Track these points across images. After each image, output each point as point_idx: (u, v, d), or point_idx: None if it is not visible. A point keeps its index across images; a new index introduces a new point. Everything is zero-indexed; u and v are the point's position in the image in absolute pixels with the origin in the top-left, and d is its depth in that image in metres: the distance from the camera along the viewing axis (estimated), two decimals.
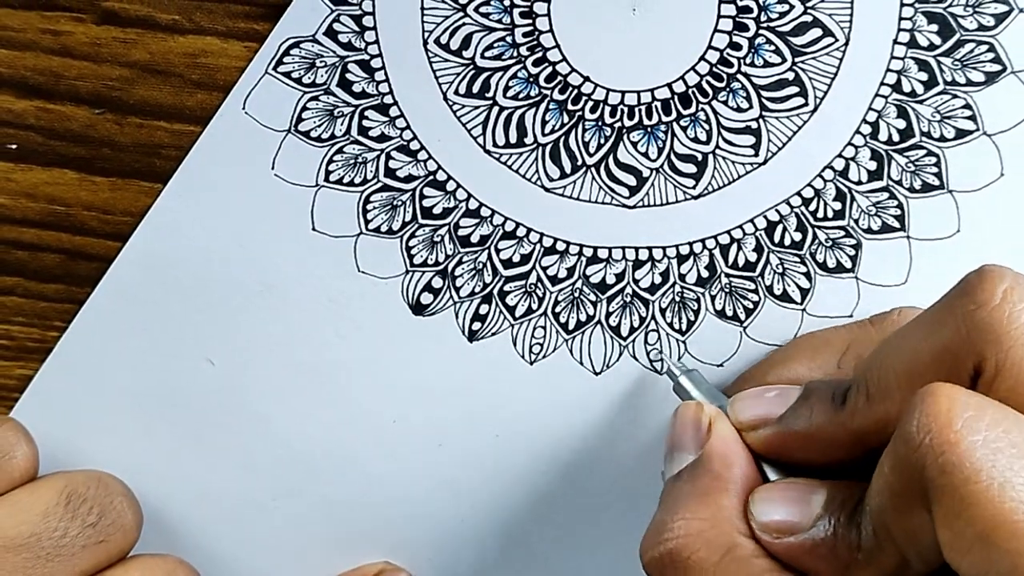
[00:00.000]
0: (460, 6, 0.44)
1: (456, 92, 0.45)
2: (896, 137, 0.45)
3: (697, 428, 0.41)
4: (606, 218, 0.46)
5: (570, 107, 0.45)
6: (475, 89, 0.45)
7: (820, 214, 0.45)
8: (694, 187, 0.46)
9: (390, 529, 0.49)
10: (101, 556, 0.45)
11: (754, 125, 0.45)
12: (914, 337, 0.36)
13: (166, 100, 0.46)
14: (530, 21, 0.44)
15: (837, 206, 0.45)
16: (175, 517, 0.49)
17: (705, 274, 0.46)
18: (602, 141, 0.45)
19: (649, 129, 0.45)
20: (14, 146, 0.46)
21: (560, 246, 0.46)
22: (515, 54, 0.45)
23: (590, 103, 0.45)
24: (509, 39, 0.45)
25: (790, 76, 0.44)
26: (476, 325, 0.47)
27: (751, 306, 0.46)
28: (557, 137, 0.45)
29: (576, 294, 0.47)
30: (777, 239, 0.46)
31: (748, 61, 0.44)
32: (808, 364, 0.44)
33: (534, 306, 0.47)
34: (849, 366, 0.43)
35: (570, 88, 0.45)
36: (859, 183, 0.45)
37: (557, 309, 0.47)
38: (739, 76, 0.45)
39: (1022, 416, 0.32)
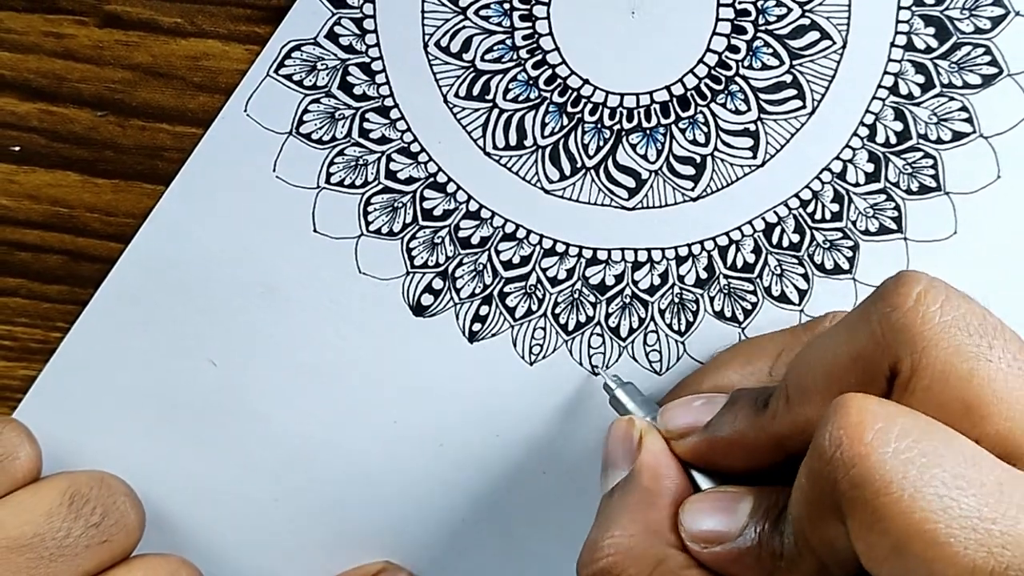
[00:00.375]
0: (460, 9, 0.44)
1: (456, 95, 0.45)
2: (893, 139, 0.45)
3: (628, 442, 0.42)
4: (605, 220, 0.46)
5: (569, 109, 0.45)
6: (475, 92, 0.45)
7: (818, 216, 0.46)
8: (693, 189, 0.46)
9: (391, 528, 0.49)
10: (104, 556, 0.45)
11: (752, 127, 0.45)
12: (832, 341, 0.36)
13: (168, 103, 0.46)
14: (530, 24, 0.45)
15: (835, 208, 0.46)
16: (177, 517, 0.49)
17: (704, 275, 0.46)
18: (601, 143, 0.45)
19: (648, 131, 0.45)
20: (17, 148, 0.46)
21: (560, 248, 0.46)
22: (515, 57, 0.45)
23: (589, 105, 0.45)
24: (509, 42, 0.45)
25: (788, 79, 0.45)
26: (476, 326, 0.47)
27: (749, 307, 0.46)
28: (557, 139, 0.46)
29: (576, 295, 0.47)
30: (775, 241, 0.46)
31: (746, 64, 0.45)
32: (741, 371, 0.44)
33: (534, 307, 0.47)
34: (780, 372, 0.43)
35: (569, 91, 0.45)
36: (857, 185, 0.45)
37: (557, 310, 0.47)
38: (737, 79, 0.45)
39: (934, 422, 0.33)
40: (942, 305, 0.34)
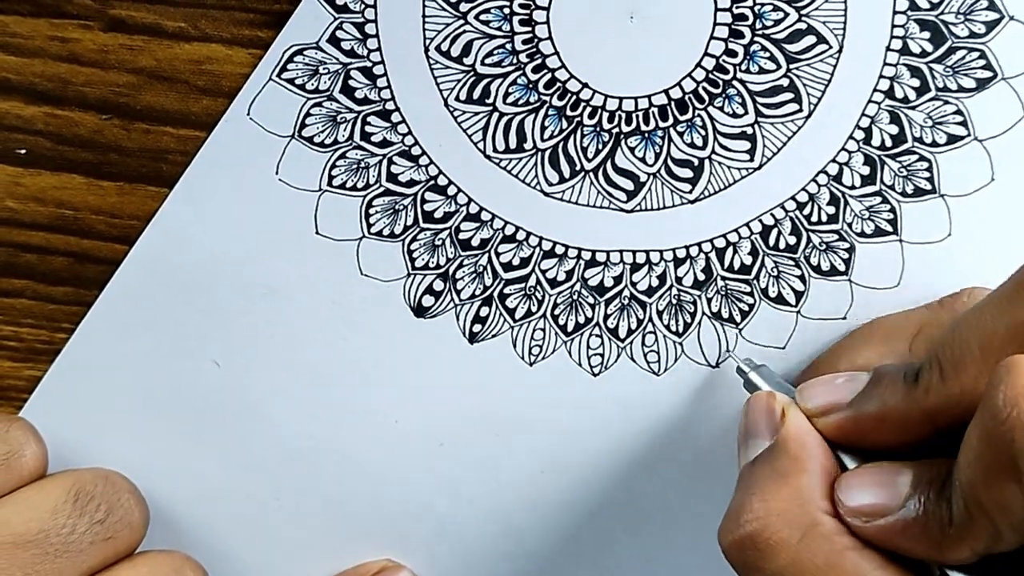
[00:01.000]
0: (461, 14, 0.45)
1: (457, 98, 0.45)
2: (889, 142, 0.45)
3: (771, 415, 0.41)
4: (604, 222, 0.46)
5: (569, 113, 0.45)
6: (475, 95, 0.45)
7: (814, 218, 0.46)
8: (691, 191, 0.46)
9: (392, 527, 0.49)
10: (109, 552, 0.45)
11: (749, 131, 0.45)
12: (988, 314, 0.36)
13: (172, 106, 0.46)
14: (529, 28, 0.45)
15: (831, 210, 0.46)
16: (180, 515, 0.49)
17: (701, 277, 0.47)
18: (600, 146, 0.46)
19: (646, 134, 0.46)
20: (23, 151, 0.46)
21: (559, 249, 0.47)
22: (515, 61, 0.45)
23: (588, 109, 0.45)
24: (509, 46, 0.45)
25: (785, 82, 0.45)
26: (477, 327, 0.47)
27: (747, 308, 0.47)
28: (556, 142, 0.46)
29: (575, 297, 0.47)
30: (772, 242, 0.46)
31: (743, 68, 0.45)
32: (879, 349, 0.44)
33: (533, 308, 0.47)
34: (920, 349, 0.43)
35: (569, 94, 0.45)
36: (852, 188, 0.45)
37: (556, 311, 0.47)
38: (735, 82, 0.45)
39: None
40: None
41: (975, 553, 0.34)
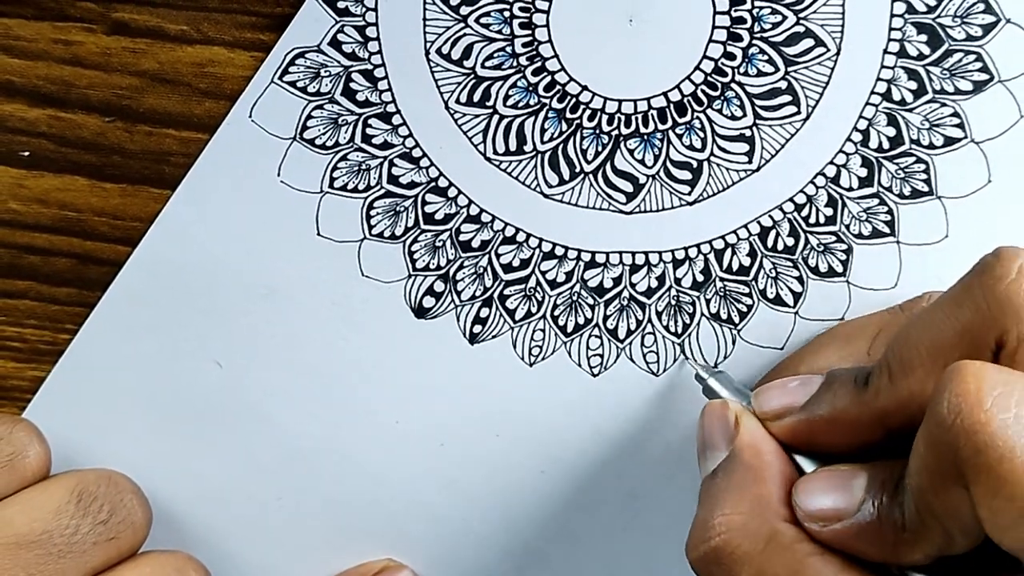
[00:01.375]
0: (461, 17, 0.45)
1: (457, 101, 0.46)
2: (886, 144, 0.45)
3: (725, 424, 0.42)
4: (604, 224, 0.46)
5: (568, 115, 0.46)
6: (476, 98, 0.46)
7: (812, 219, 0.46)
8: (689, 193, 0.46)
9: (393, 527, 0.49)
10: (112, 552, 0.45)
11: (748, 133, 0.45)
12: (936, 316, 0.36)
13: (175, 108, 0.46)
14: (529, 32, 0.45)
15: (829, 212, 0.46)
16: (183, 514, 0.49)
17: (700, 278, 0.47)
18: (600, 149, 0.46)
19: (645, 137, 0.46)
20: (27, 153, 0.47)
21: (559, 251, 0.47)
22: (515, 64, 0.45)
23: (588, 111, 0.46)
24: (509, 49, 0.45)
25: (783, 85, 0.45)
26: (477, 328, 0.48)
27: (745, 309, 0.47)
28: (556, 145, 0.46)
29: (574, 298, 0.47)
30: (770, 244, 0.46)
31: (742, 70, 0.45)
32: (839, 351, 0.44)
33: (533, 309, 0.47)
34: (878, 351, 0.43)
35: (568, 97, 0.45)
36: (850, 189, 0.46)
37: (556, 312, 0.47)
38: (733, 85, 0.45)
39: None
40: None
41: (928, 556, 0.35)
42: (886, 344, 0.41)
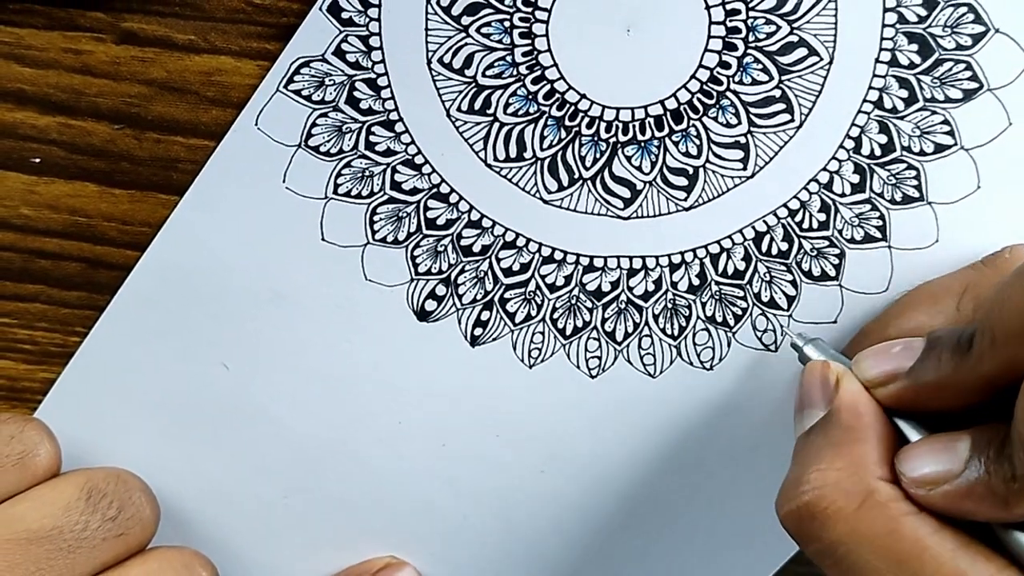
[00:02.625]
0: (462, 27, 0.45)
1: (458, 109, 0.46)
2: (878, 151, 0.46)
3: (825, 385, 0.41)
4: (602, 229, 0.47)
5: (567, 123, 0.46)
6: (476, 106, 0.46)
7: (805, 225, 0.46)
8: (685, 199, 0.46)
9: (396, 525, 0.50)
10: (120, 549, 0.45)
11: (743, 140, 0.46)
12: None
13: (182, 116, 0.46)
14: (529, 41, 0.45)
15: (822, 217, 0.46)
16: (191, 513, 0.50)
17: (696, 282, 0.47)
18: (598, 155, 0.46)
19: (642, 144, 0.46)
20: (38, 160, 0.47)
21: (558, 255, 0.47)
22: (515, 73, 0.45)
23: (586, 119, 0.46)
24: (509, 58, 0.45)
25: (777, 93, 0.45)
26: (478, 331, 0.48)
27: (740, 312, 0.47)
28: (555, 151, 0.46)
29: (573, 301, 0.47)
30: (764, 249, 0.47)
31: (737, 79, 0.45)
32: (928, 311, 0.44)
33: (533, 312, 0.48)
34: (968, 308, 0.42)
35: (567, 105, 0.46)
36: (843, 195, 0.46)
37: (555, 315, 0.48)
38: (728, 93, 0.45)
39: None
40: None
41: None
42: (974, 300, 0.41)
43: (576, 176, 0.46)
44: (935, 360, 0.39)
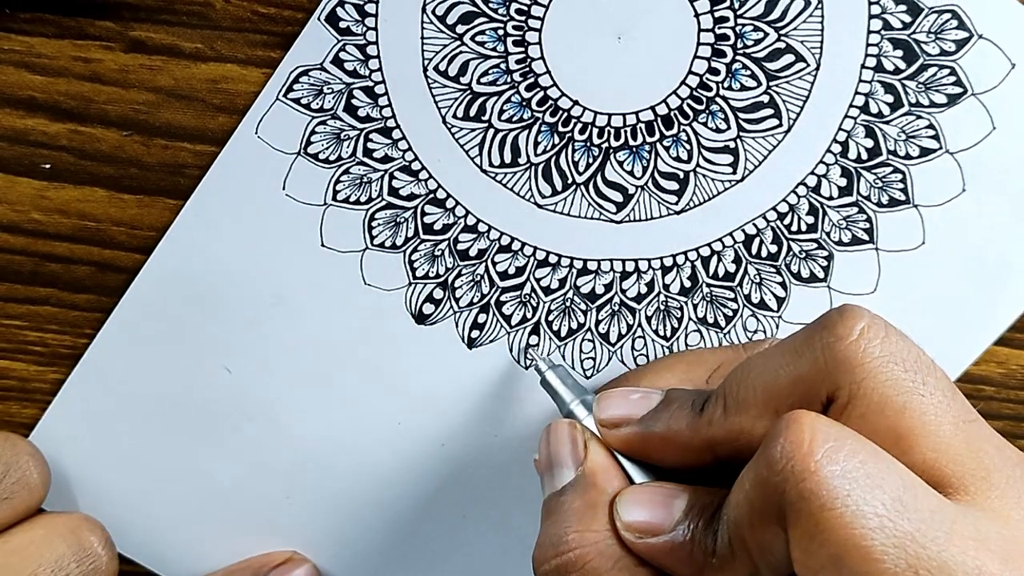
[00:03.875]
0: (457, 35, 0.45)
1: (454, 115, 0.46)
2: (865, 155, 0.46)
3: (574, 445, 0.42)
4: (595, 232, 0.47)
5: (560, 129, 0.46)
6: (472, 113, 0.46)
7: (794, 228, 0.47)
8: (677, 203, 0.47)
9: (395, 523, 0.50)
10: (7, 513, 0.45)
11: (732, 145, 0.46)
12: (775, 361, 0.37)
13: (189, 123, 0.47)
14: (523, 49, 0.45)
15: (810, 220, 0.46)
16: (194, 513, 0.50)
17: (688, 284, 0.47)
18: (590, 160, 0.46)
19: (634, 149, 0.46)
20: (48, 166, 0.47)
21: (552, 259, 0.47)
22: (509, 80, 0.46)
23: (579, 125, 0.46)
24: (503, 66, 0.46)
25: (765, 99, 0.46)
26: (475, 333, 0.48)
27: (731, 314, 0.47)
28: (548, 157, 0.46)
29: (567, 304, 0.48)
30: (754, 251, 0.47)
31: (726, 85, 0.45)
32: (680, 377, 0.45)
33: (528, 315, 0.48)
34: (716, 384, 0.42)
35: (560, 111, 0.46)
36: (830, 198, 0.46)
37: (550, 318, 0.48)
38: (717, 99, 0.46)
39: (878, 448, 0.34)
40: (882, 340, 0.35)
41: None
42: (722, 377, 0.42)
43: (569, 181, 0.47)
44: (667, 414, 0.40)
